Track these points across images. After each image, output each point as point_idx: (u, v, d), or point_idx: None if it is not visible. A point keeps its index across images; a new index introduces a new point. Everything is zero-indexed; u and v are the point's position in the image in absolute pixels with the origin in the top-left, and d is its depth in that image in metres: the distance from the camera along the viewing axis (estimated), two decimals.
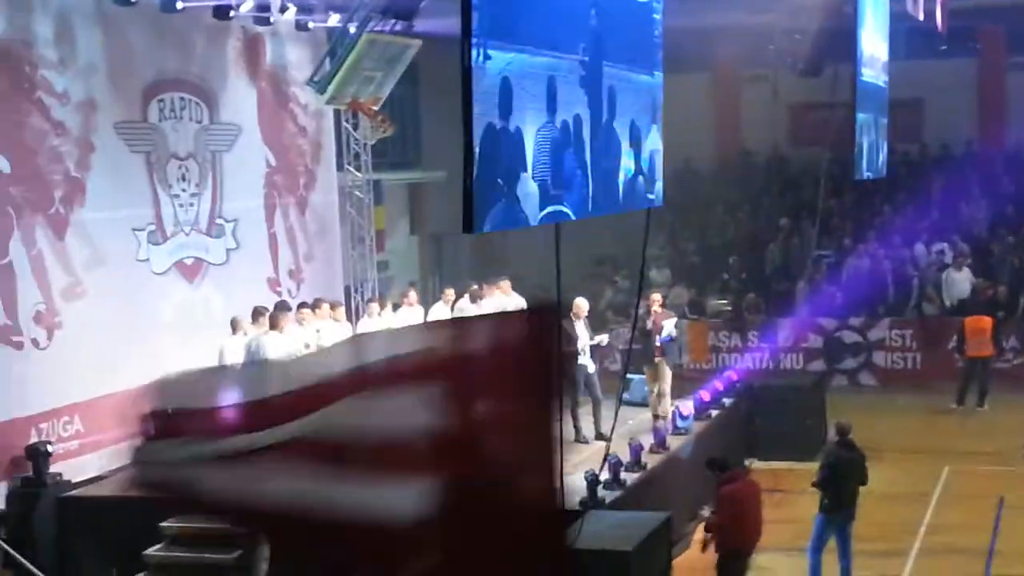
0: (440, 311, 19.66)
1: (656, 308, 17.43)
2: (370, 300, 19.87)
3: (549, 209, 9.14)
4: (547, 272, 19.12)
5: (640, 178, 11.50)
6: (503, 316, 6.28)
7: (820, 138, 25.24)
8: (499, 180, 8.27)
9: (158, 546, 14.42)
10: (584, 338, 17.29)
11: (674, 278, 27.68)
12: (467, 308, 19.74)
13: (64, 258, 16.61)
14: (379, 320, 18.77)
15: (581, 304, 17.67)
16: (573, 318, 17.16)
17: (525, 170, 8.63)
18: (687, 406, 17.99)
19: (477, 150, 7.86)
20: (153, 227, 18.03)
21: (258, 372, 5.96)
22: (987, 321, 23.59)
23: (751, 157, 32.43)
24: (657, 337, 17.35)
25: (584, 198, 9.96)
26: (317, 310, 17.41)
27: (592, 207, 10.27)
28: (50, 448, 15.77)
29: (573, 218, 9.81)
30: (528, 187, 8.69)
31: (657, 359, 17.48)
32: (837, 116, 21.76)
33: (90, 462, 16.57)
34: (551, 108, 9.08)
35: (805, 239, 27.39)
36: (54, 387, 16.26)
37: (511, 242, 27.77)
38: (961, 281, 25.48)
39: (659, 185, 12.32)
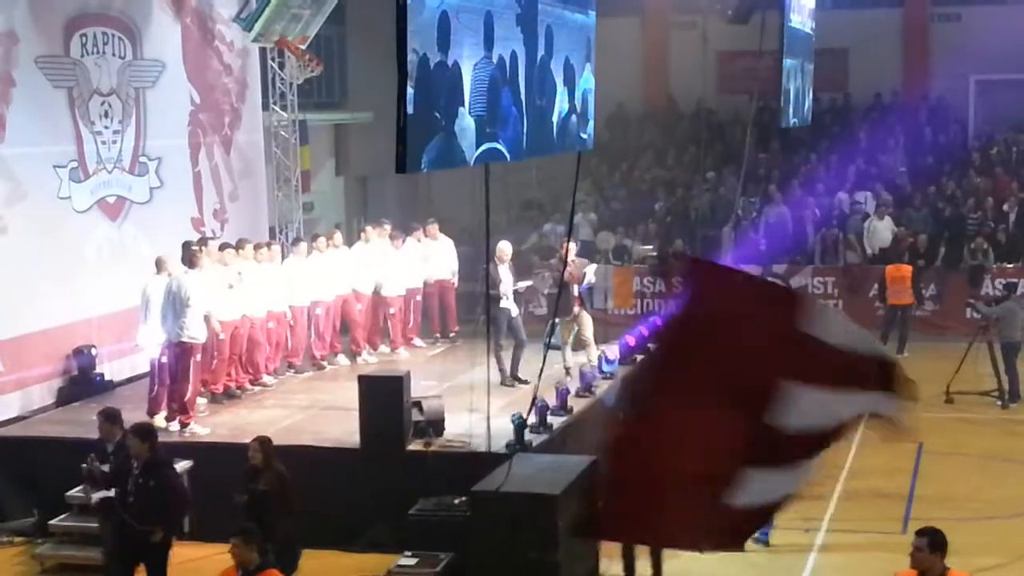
0: (362, 251, 19.57)
1: (572, 259, 17.18)
2: (296, 240, 19.67)
3: (485, 147, 9.07)
4: (473, 214, 19.15)
5: (574, 118, 11.45)
6: None
7: (748, 86, 25.35)
8: (436, 114, 8.18)
9: (80, 487, 14.26)
10: (508, 282, 17.24)
11: (600, 223, 27.72)
12: (389, 250, 19.70)
13: None
14: (304, 261, 18.61)
15: (505, 248, 17.61)
16: (497, 262, 17.11)
17: (463, 105, 8.54)
18: (612, 351, 18.04)
19: (412, 88, 7.76)
20: (75, 164, 17.68)
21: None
22: (907, 269, 23.90)
23: (678, 104, 32.48)
24: (575, 287, 17.27)
25: (519, 136, 9.90)
26: (240, 250, 17.20)
27: (527, 148, 10.21)
28: None
29: (508, 158, 9.75)
30: (465, 122, 8.61)
31: (576, 309, 17.42)
32: (764, 64, 21.84)
33: (12, 401, 16.33)
34: (488, 43, 8.99)
35: (731, 187, 27.52)
36: None
37: (435, 184, 27.66)
38: (883, 230, 25.76)
39: (591, 126, 12.29)
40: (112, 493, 11.64)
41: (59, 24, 17.45)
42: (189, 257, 15.69)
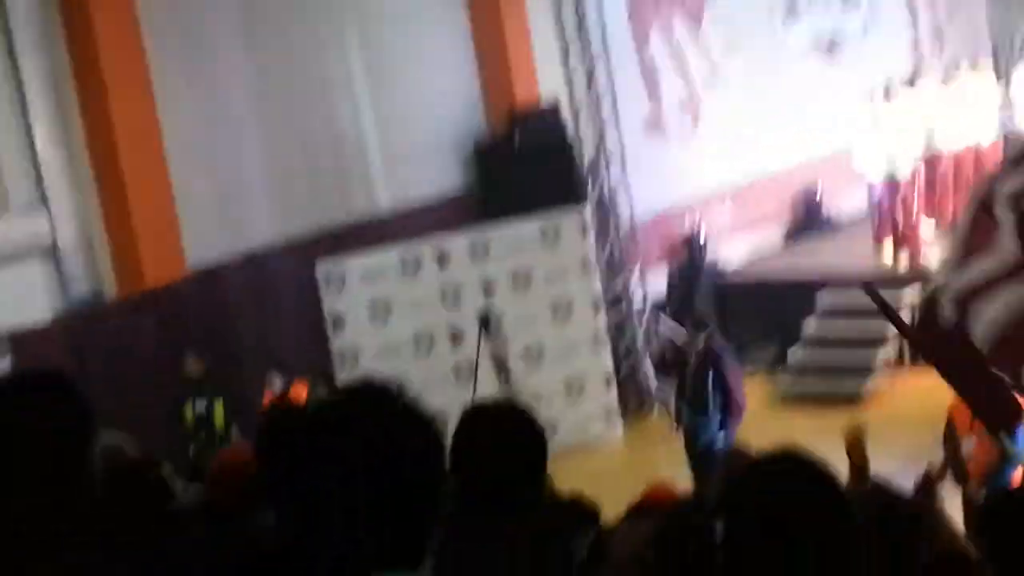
0: None
1: None
2: None
3: None
4: None
5: None
6: None
7: None
8: None
9: (813, 321, 14.74)
10: None
11: None
12: None
13: (703, 45, 16.97)
14: None
15: None
16: None
17: None
18: None
19: None
20: (786, 6, 17.90)
21: None
22: None
23: None
24: None
25: None
26: (955, 71, 16.56)
27: None
28: (705, 232, 16.42)
29: None
30: None
31: None
32: None
33: (743, 244, 17.06)
34: None
35: None
36: (704, 174, 16.78)
37: None
38: None
39: None
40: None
41: None
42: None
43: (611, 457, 12.82)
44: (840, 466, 6.83)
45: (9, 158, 11.92)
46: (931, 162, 15.55)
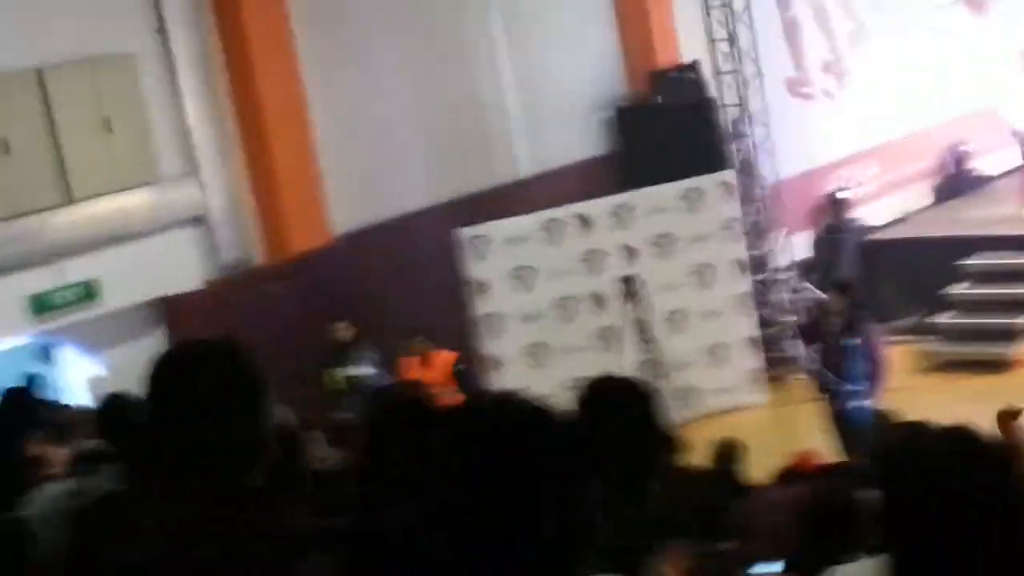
0: None
1: None
2: None
3: None
4: None
5: None
6: None
7: None
8: None
9: (961, 284, 14.44)
10: None
11: None
12: None
13: (846, 3, 16.69)
14: None
15: None
16: None
17: None
18: None
19: None
20: None
21: None
22: None
23: None
24: None
25: None
26: None
27: None
28: (850, 194, 16.18)
29: None
30: None
31: None
32: None
33: (889, 204, 16.78)
34: None
35: None
36: (848, 134, 16.53)
37: None
38: None
39: None
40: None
41: None
42: None
43: (755, 423, 12.73)
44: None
45: (161, 130, 12.19)
46: None
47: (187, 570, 2.50)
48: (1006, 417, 7.91)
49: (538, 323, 13.10)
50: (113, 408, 5.98)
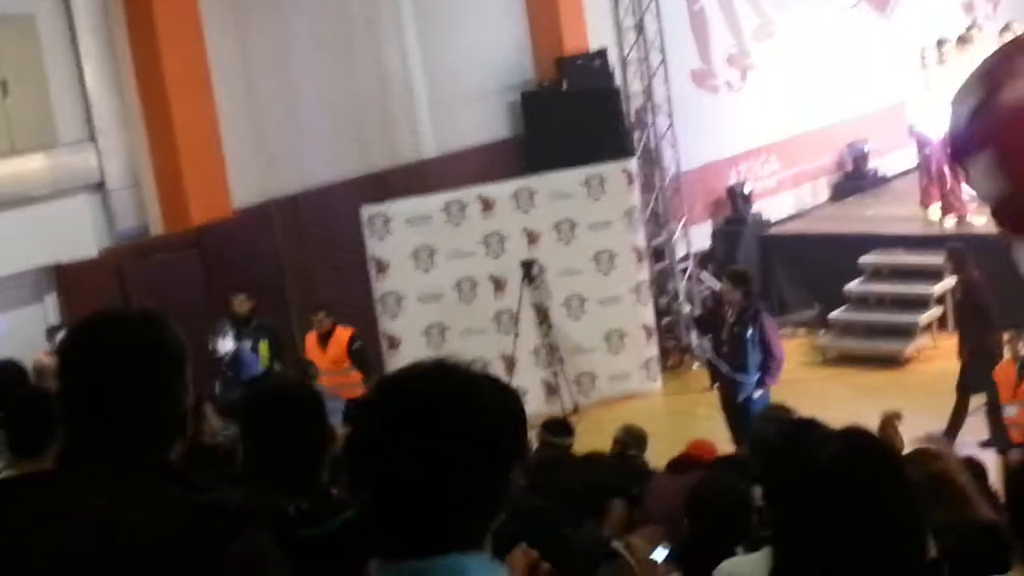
0: None
1: None
2: None
3: None
4: None
5: None
6: None
7: None
8: None
9: (857, 280, 14.67)
10: None
11: None
12: None
13: None
14: None
15: None
16: None
17: None
18: None
19: None
20: None
21: None
22: None
23: None
24: None
25: None
26: (1005, 32, 16.34)
27: None
28: (750, 187, 16.34)
29: None
30: None
31: None
32: None
33: (788, 199, 16.99)
34: None
35: None
36: (749, 128, 16.70)
37: None
38: None
39: None
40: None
41: None
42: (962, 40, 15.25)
43: (649, 410, 12.83)
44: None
45: (59, 95, 11.97)
46: None
47: (121, 554, 2.36)
48: (887, 421, 8.04)
49: (437, 304, 13.09)
50: (2, 374, 5.87)
